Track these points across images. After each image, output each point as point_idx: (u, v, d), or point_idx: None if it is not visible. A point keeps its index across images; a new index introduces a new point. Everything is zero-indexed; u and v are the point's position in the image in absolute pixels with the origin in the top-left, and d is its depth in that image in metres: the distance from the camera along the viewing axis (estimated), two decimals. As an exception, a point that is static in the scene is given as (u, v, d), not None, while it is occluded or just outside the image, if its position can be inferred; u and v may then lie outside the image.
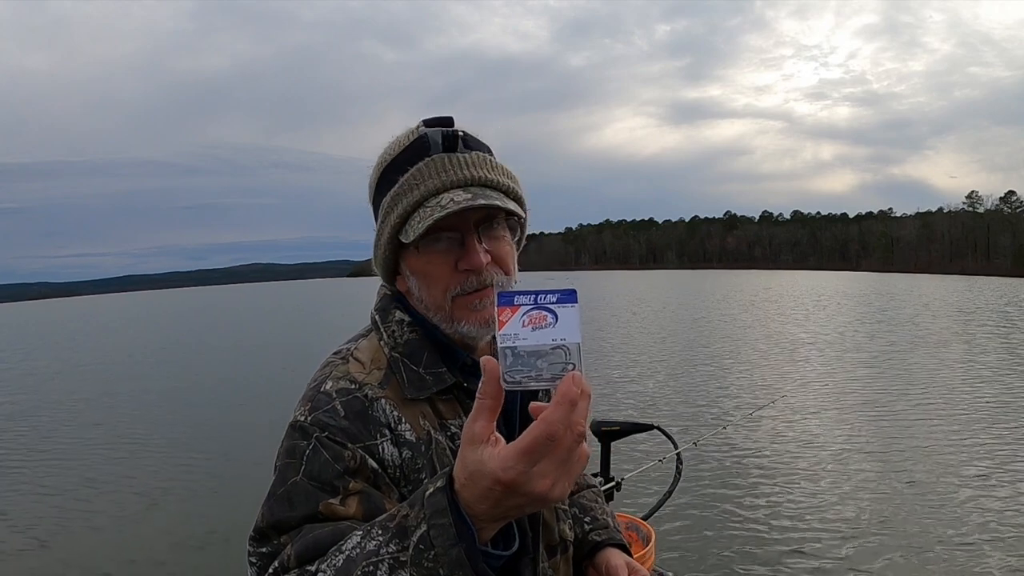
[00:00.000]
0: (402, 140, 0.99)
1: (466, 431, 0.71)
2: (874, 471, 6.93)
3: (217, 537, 5.90)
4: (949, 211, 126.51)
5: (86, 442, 9.74)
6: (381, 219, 0.99)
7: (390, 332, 1.01)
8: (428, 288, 0.98)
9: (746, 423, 8.37)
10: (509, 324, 0.71)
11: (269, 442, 0.93)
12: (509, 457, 0.68)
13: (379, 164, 1.01)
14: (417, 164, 0.95)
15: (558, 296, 0.72)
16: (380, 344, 1.01)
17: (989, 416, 8.95)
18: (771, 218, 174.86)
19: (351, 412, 0.91)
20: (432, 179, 0.94)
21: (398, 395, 0.95)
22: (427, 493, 0.74)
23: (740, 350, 16.59)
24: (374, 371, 0.97)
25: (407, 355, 0.99)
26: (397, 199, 0.95)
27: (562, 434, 0.67)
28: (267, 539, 0.86)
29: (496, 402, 0.70)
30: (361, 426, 0.90)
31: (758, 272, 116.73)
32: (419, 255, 0.97)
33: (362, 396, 0.93)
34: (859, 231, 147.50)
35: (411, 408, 0.95)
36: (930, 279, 70.81)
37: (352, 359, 0.99)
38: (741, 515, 5.87)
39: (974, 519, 5.57)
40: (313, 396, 0.93)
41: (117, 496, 7.21)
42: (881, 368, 13.34)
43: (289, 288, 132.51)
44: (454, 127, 0.99)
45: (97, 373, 18.10)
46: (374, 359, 0.99)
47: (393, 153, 0.99)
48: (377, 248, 1.01)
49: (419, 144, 0.97)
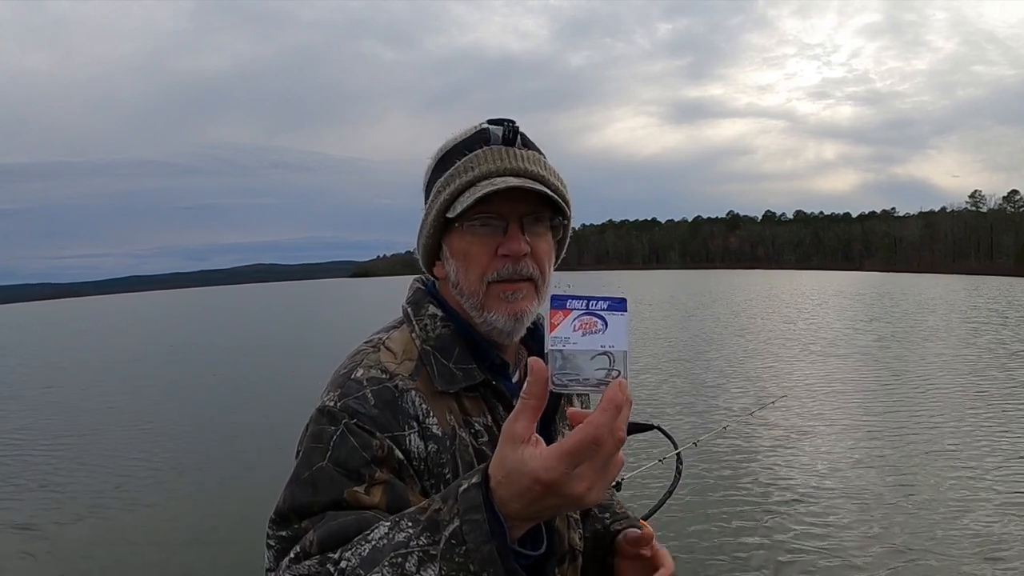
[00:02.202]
0: (465, 131, 1.03)
1: (507, 429, 0.72)
2: (874, 471, 6.96)
3: (218, 534, 5.97)
4: (952, 211, 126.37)
5: (109, 441, 9.83)
6: (432, 198, 1.02)
7: (422, 325, 1.03)
8: (466, 270, 1.00)
9: (746, 423, 8.41)
10: (560, 327, 0.72)
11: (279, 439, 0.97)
12: (552, 458, 0.69)
13: (439, 150, 1.04)
14: (476, 151, 0.99)
15: (609, 304, 0.74)
16: (412, 336, 1.02)
17: (990, 416, 8.99)
18: (774, 218, 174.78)
19: (381, 401, 0.91)
20: (487, 164, 0.98)
21: (427, 387, 0.96)
22: (461, 489, 0.75)
23: (741, 350, 16.62)
24: (405, 362, 0.98)
25: (438, 348, 1.00)
26: (451, 178, 0.99)
27: (606, 439, 0.68)
28: (288, 523, 0.86)
29: (541, 403, 0.71)
30: (390, 416, 0.91)
31: (761, 272, 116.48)
32: (463, 235, 0.99)
33: (392, 386, 0.94)
34: (862, 231, 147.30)
35: (439, 402, 0.96)
36: (933, 279, 70.62)
37: (384, 348, 1.00)
38: (741, 515, 5.91)
39: (975, 519, 5.60)
40: (343, 382, 0.94)
41: (129, 490, 7.29)
42: (882, 368, 13.36)
43: (294, 288, 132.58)
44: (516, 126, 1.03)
45: (115, 373, 18.21)
46: (406, 350, 1.00)
47: (454, 141, 1.03)
48: (423, 227, 1.04)
49: (480, 135, 1.01)
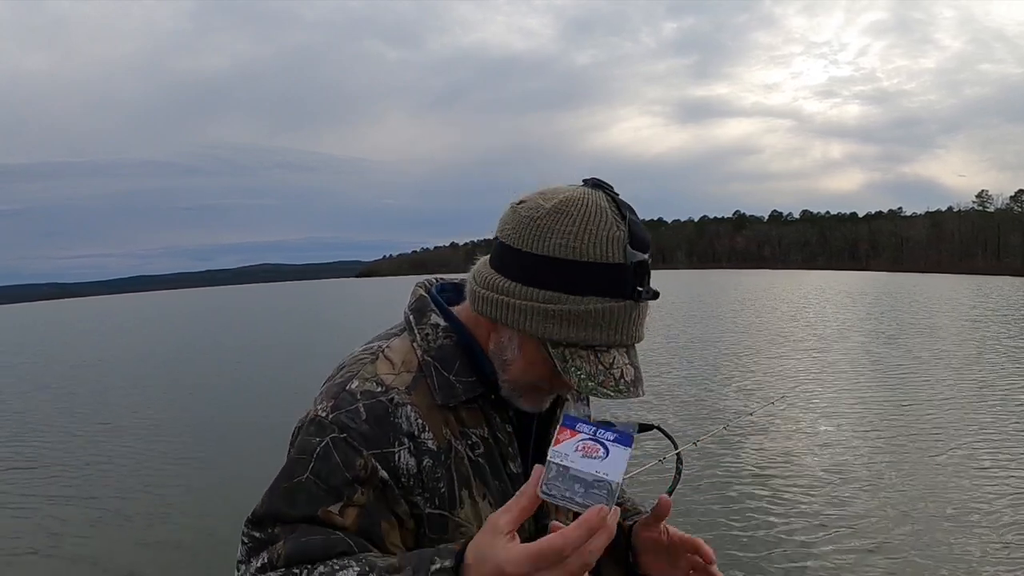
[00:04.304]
0: (605, 243, 0.86)
1: (492, 519, 0.75)
2: (874, 470, 7.00)
3: (218, 534, 6.05)
4: (959, 210, 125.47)
5: (124, 439, 9.95)
6: (547, 302, 0.88)
7: (424, 334, 0.99)
8: (522, 371, 0.95)
9: (746, 423, 8.47)
10: (564, 444, 0.77)
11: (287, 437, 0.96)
12: (520, 555, 0.72)
13: (574, 238, 0.86)
14: (613, 300, 0.87)
15: (616, 436, 0.77)
16: (413, 345, 0.99)
17: (993, 415, 9.02)
18: (780, 218, 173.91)
19: (372, 416, 0.90)
20: (618, 332, 0.88)
21: (425, 400, 0.94)
22: (434, 567, 0.77)
23: (742, 350, 16.66)
24: (403, 373, 0.96)
25: (439, 360, 0.97)
26: (583, 322, 0.87)
27: (570, 554, 0.71)
28: (263, 526, 0.88)
29: (532, 504, 0.75)
30: (380, 432, 0.90)
31: (767, 272, 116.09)
32: (540, 350, 0.92)
33: (387, 400, 0.92)
34: (868, 231, 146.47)
35: (436, 415, 0.94)
36: (940, 279, 70.28)
37: (383, 357, 0.98)
38: (741, 515, 5.97)
39: (975, 518, 5.64)
40: (337, 393, 0.93)
41: (135, 490, 7.40)
42: (884, 368, 13.39)
43: (300, 288, 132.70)
44: (649, 251, 0.90)
45: (122, 371, 18.39)
46: (405, 360, 0.97)
47: (595, 252, 0.86)
48: (511, 308, 0.90)
49: (622, 274, 0.87)
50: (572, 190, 0.90)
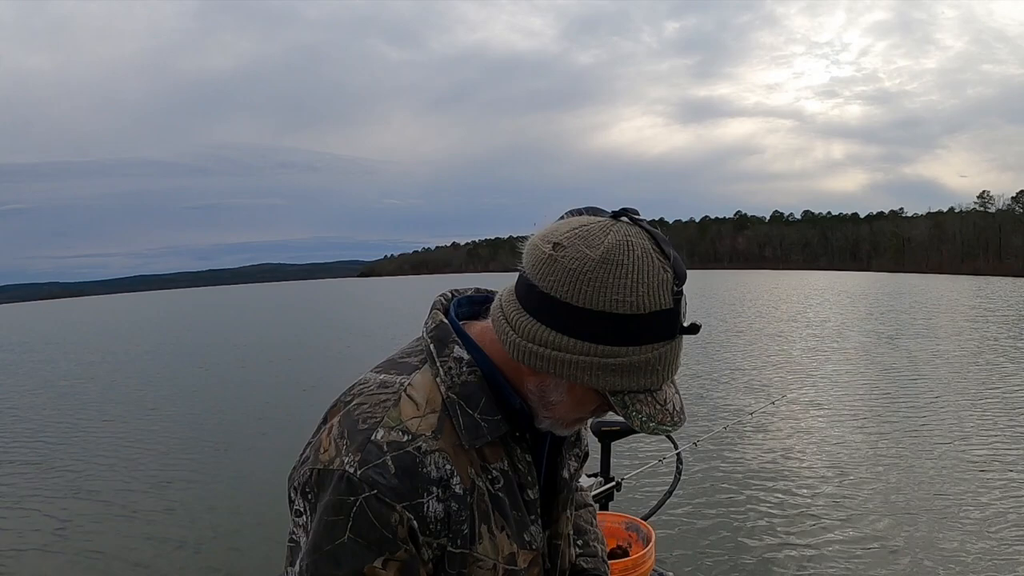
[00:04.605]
0: (657, 292, 0.85)
1: None
2: (875, 470, 7.00)
3: (219, 534, 6.06)
4: (960, 211, 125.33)
5: (123, 438, 9.95)
6: (611, 359, 0.86)
7: (447, 369, 0.94)
8: (570, 408, 0.94)
9: (746, 423, 8.47)
10: None
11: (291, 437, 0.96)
12: None
13: (631, 292, 0.84)
14: (666, 342, 0.87)
15: None
16: (436, 381, 0.94)
17: (992, 415, 9.02)
18: (782, 218, 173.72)
19: (400, 468, 0.88)
20: (668, 370, 0.89)
21: (451, 442, 0.91)
22: None
23: (741, 350, 16.68)
24: (428, 415, 0.92)
25: (463, 398, 0.93)
26: (642, 371, 0.87)
27: None
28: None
29: None
30: (409, 484, 0.88)
31: (768, 272, 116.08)
32: (589, 391, 0.91)
33: (414, 450, 0.89)
34: (870, 231, 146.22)
35: (462, 456, 0.92)
36: (941, 279, 70.23)
37: (405, 397, 0.93)
38: (741, 515, 5.97)
39: (976, 517, 5.64)
40: (363, 445, 0.89)
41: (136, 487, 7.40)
42: (884, 368, 13.39)
43: (302, 288, 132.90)
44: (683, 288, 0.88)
45: (129, 370, 18.38)
46: (429, 400, 0.93)
47: (650, 303, 0.84)
48: (566, 363, 0.87)
49: (674, 317, 0.87)
50: (613, 232, 0.86)
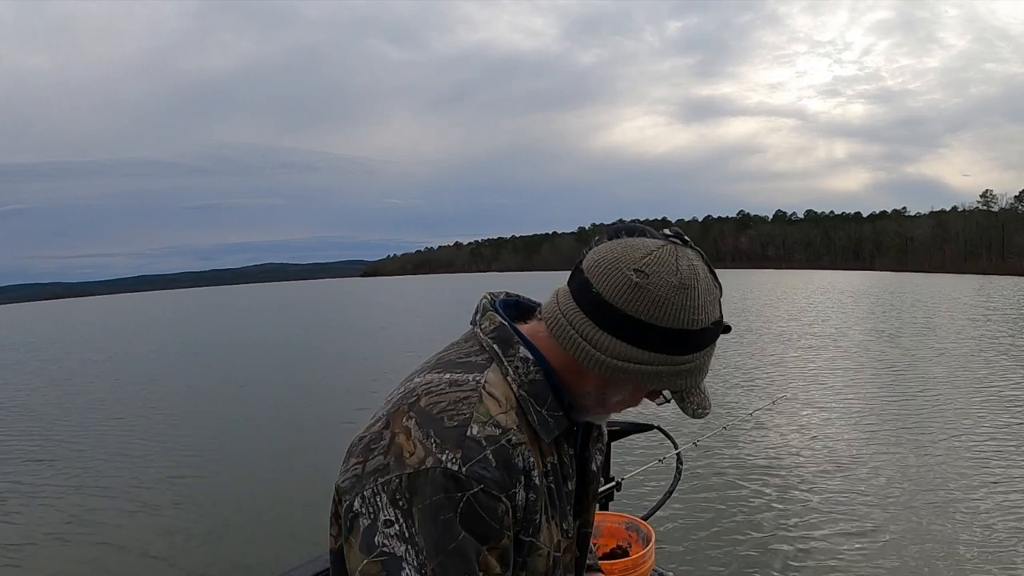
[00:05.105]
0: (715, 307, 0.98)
1: None
2: (875, 470, 7.01)
3: (224, 532, 6.10)
4: (963, 210, 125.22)
5: (131, 439, 10.00)
6: (683, 365, 0.98)
7: (515, 368, 0.99)
8: (625, 403, 1.04)
9: (746, 423, 8.48)
10: None
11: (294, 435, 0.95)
12: None
13: (702, 311, 0.95)
14: (712, 345, 1.00)
15: None
16: (507, 380, 0.99)
17: (992, 413, 9.02)
18: (784, 217, 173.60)
19: (499, 461, 0.92)
20: (706, 368, 1.02)
21: (530, 437, 0.97)
22: None
23: (743, 349, 16.65)
24: (510, 411, 0.97)
25: (532, 395, 0.99)
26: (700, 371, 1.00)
27: None
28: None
29: None
30: (507, 476, 0.92)
31: (771, 272, 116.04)
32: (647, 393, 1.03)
33: (507, 442, 0.93)
34: (873, 230, 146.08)
35: (536, 449, 0.98)
36: (944, 278, 70.16)
37: (487, 395, 0.96)
38: (741, 515, 5.98)
39: (976, 515, 5.66)
40: (462, 442, 0.91)
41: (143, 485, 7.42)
42: (885, 368, 13.39)
43: (305, 288, 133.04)
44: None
45: (135, 369, 18.45)
46: (507, 397, 0.98)
47: (712, 317, 0.97)
48: (648, 375, 0.97)
49: (720, 325, 0.99)
50: (680, 258, 0.96)
